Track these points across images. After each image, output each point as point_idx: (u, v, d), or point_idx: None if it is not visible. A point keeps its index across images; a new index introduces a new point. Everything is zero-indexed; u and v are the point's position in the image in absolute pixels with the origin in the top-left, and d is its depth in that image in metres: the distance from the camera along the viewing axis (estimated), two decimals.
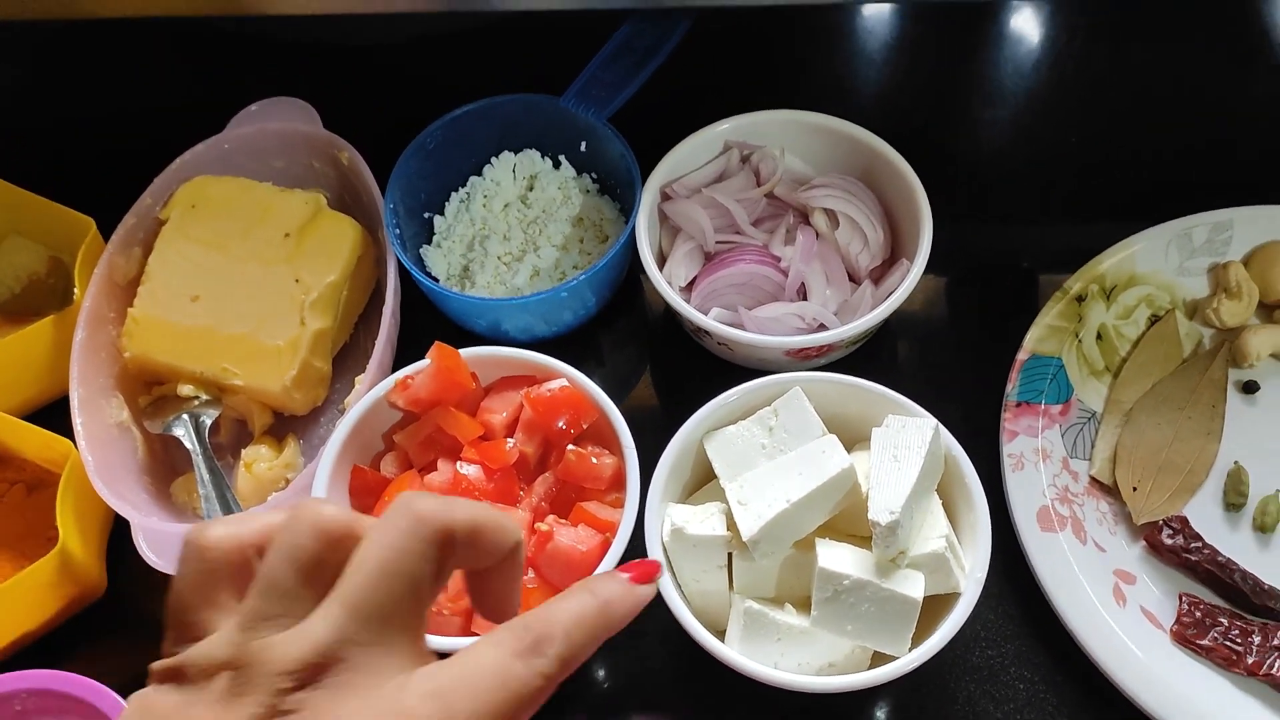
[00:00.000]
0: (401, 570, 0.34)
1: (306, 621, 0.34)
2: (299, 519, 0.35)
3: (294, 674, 0.33)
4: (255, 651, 0.33)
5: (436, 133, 0.74)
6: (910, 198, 0.69)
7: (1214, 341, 0.70)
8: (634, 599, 0.40)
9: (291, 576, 0.35)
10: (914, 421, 0.58)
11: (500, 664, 0.35)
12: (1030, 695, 0.60)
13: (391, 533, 0.35)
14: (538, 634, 0.36)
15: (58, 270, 0.76)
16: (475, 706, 0.34)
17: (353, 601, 0.34)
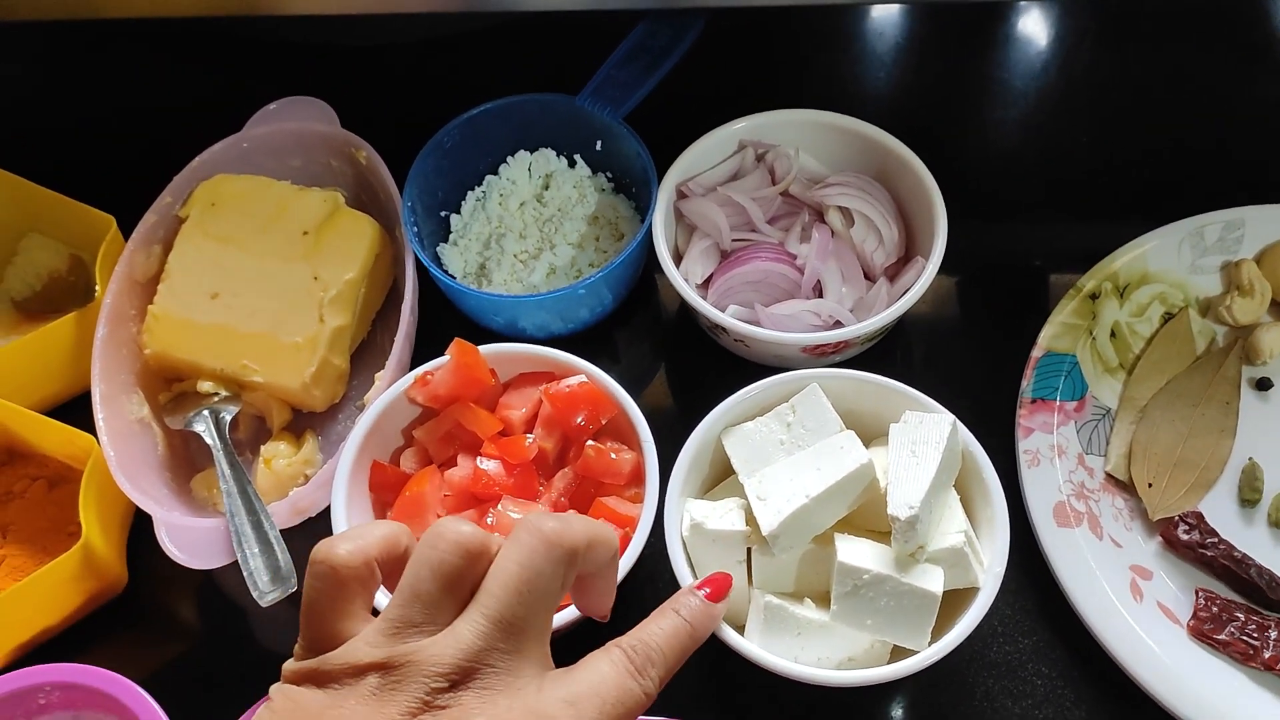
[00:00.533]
0: (538, 587, 0.39)
1: (453, 629, 0.38)
2: (441, 535, 0.39)
3: (445, 675, 0.37)
4: (406, 654, 0.37)
5: (453, 132, 0.74)
6: (925, 195, 0.69)
7: (1227, 339, 0.70)
8: (713, 620, 0.47)
9: (436, 588, 0.38)
10: (931, 417, 0.58)
11: (619, 680, 0.40)
12: (1048, 690, 0.61)
13: (528, 552, 0.39)
14: (643, 658, 0.42)
15: (78, 268, 0.77)
16: (600, 716, 0.39)
17: (497, 613, 0.38)
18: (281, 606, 0.61)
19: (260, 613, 0.65)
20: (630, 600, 0.64)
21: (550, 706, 0.38)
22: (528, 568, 0.39)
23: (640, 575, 0.65)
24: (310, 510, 0.65)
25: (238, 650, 0.65)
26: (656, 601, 0.64)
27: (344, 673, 0.37)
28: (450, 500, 0.61)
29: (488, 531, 0.40)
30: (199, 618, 0.67)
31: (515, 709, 0.37)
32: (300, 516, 0.65)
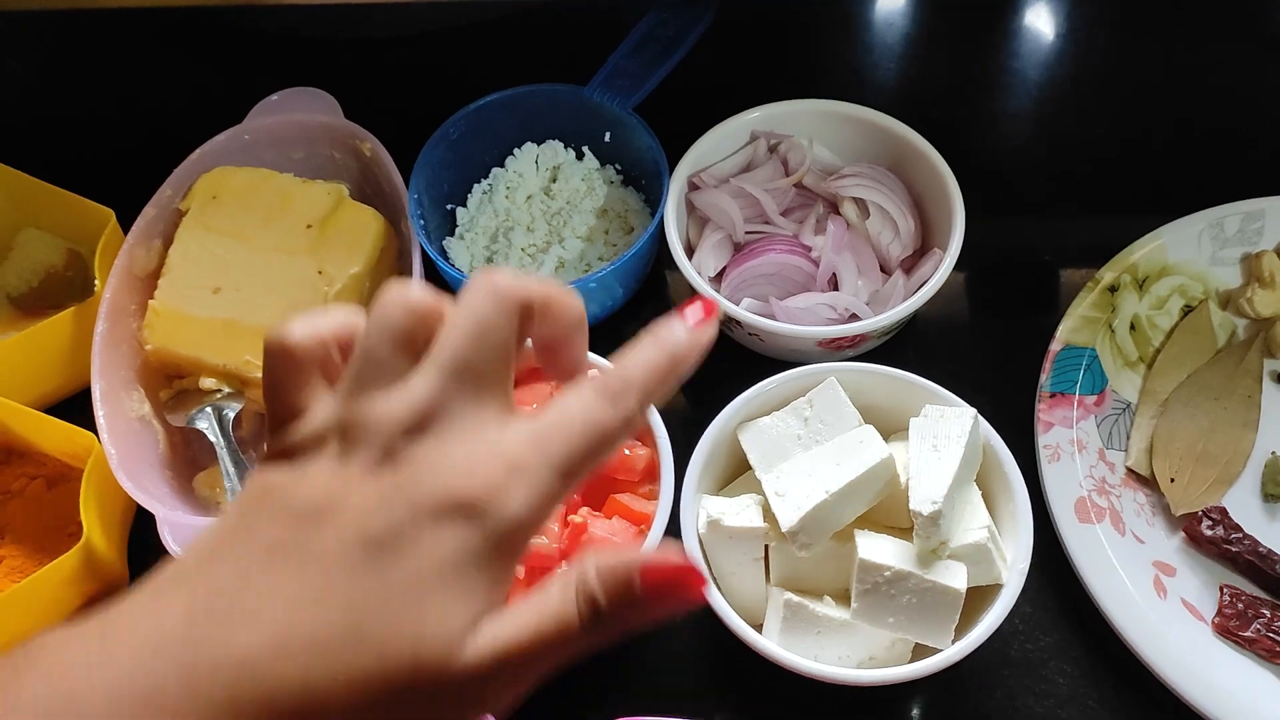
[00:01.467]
0: (488, 331, 0.38)
1: (407, 382, 0.37)
2: (390, 299, 0.39)
3: (402, 424, 0.36)
4: (362, 413, 0.37)
5: (460, 123, 0.73)
6: (941, 186, 0.68)
7: (1248, 332, 0.69)
8: (697, 347, 0.43)
9: (388, 348, 0.38)
10: (952, 411, 0.57)
11: (589, 408, 0.38)
12: (1071, 689, 0.60)
13: (477, 303, 0.38)
14: (618, 387, 0.39)
15: (76, 263, 0.75)
16: (568, 446, 0.37)
17: (448, 360, 0.37)
18: None
19: None
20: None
21: (512, 444, 0.37)
22: (477, 314, 0.38)
23: None
24: None
25: None
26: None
27: (305, 443, 0.37)
28: None
29: (444, 295, 0.39)
30: None
31: (476, 450, 0.36)
32: None
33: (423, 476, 0.36)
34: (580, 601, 0.36)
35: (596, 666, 0.61)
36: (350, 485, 0.36)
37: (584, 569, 0.36)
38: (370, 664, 0.34)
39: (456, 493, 0.35)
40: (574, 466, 0.37)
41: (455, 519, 0.35)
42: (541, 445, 0.37)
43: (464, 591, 0.35)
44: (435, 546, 0.35)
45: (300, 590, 0.34)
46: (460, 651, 0.34)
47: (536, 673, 0.36)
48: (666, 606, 0.37)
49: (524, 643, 0.35)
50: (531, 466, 0.36)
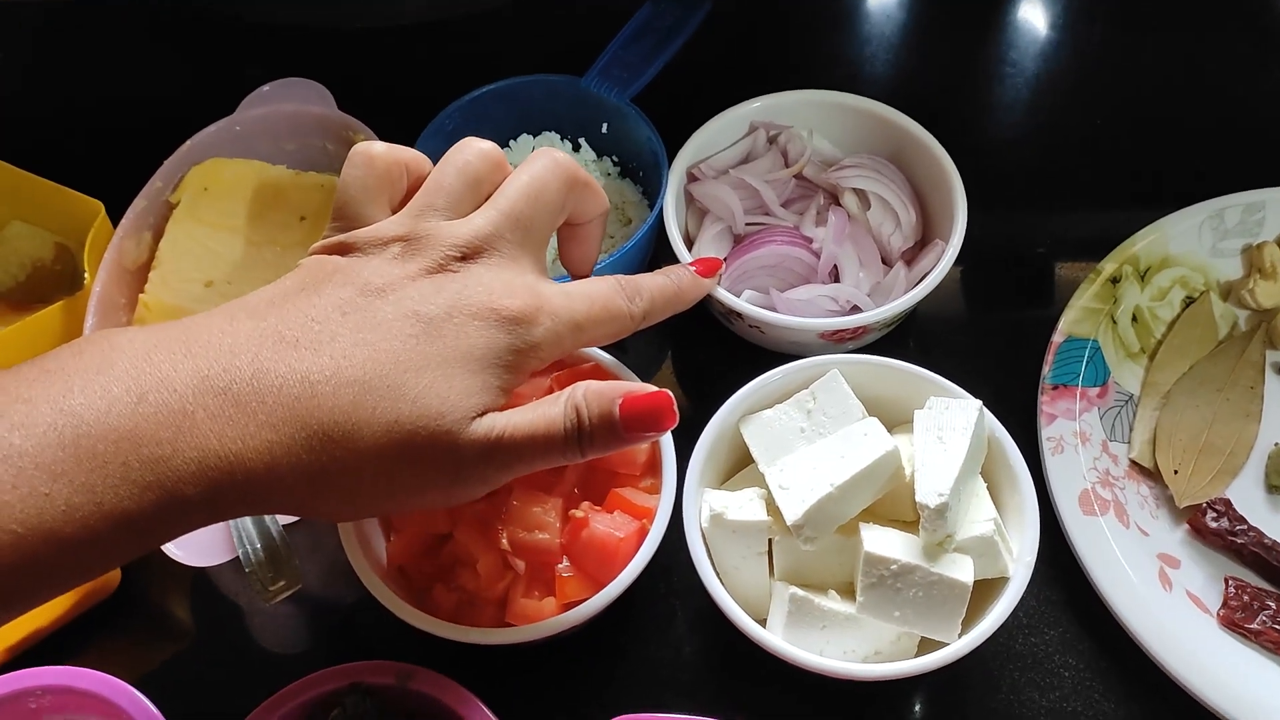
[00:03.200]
0: (545, 192, 0.46)
1: (469, 217, 0.44)
2: (467, 143, 0.48)
3: (460, 247, 0.43)
4: (427, 229, 0.44)
5: (455, 115, 0.72)
6: (942, 177, 0.68)
7: (1250, 323, 0.69)
8: (700, 287, 0.54)
9: (459, 183, 0.45)
10: (957, 403, 0.56)
11: (610, 293, 0.47)
12: (1076, 683, 0.59)
13: (539, 167, 0.46)
14: (634, 287, 0.48)
15: (64, 257, 0.74)
16: (590, 310, 0.45)
17: (508, 208, 0.45)
18: (283, 605, 0.59)
19: (259, 611, 0.63)
20: (646, 595, 0.63)
21: (547, 289, 0.44)
22: (538, 178, 0.46)
23: (655, 568, 0.63)
24: None
25: (237, 651, 0.63)
26: (673, 596, 0.63)
27: (370, 243, 0.43)
28: None
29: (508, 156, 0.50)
30: (195, 617, 0.64)
31: (516, 282, 0.43)
32: None
33: (472, 285, 0.42)
34: (568, 412, 0.43)
35: (599, 661, 0.61)
36: (410, 277, 0.42)
37: (576, 389, 0.43)
38: (403, 412, 0.40)
39: (495, 304, 0.42)
40: (588, 328, 0.45)
41: (490, 323, 0.42)
42: (569, 300, 0.44)
43: (482, 381, 0.41)
44: (471, 337, 0.41)
45: (357, 338, 0.40)
46: (467, 427, 0.41)
47: (524, 465, 0.43)
48: (638, 431, 0.43)
49: (519, 436, 0.42)
50: (557, 310, 0.44)
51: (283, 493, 0.40)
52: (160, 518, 0.38)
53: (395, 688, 0.54)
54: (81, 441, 0.37)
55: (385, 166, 0.46)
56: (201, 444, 0.38)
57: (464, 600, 0.56)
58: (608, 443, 0.43)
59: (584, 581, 0.56)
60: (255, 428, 0.39)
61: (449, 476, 0.42)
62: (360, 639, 0.62)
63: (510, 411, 0.42)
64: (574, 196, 0.47)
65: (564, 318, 0.44)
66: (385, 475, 0.40)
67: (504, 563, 0.57)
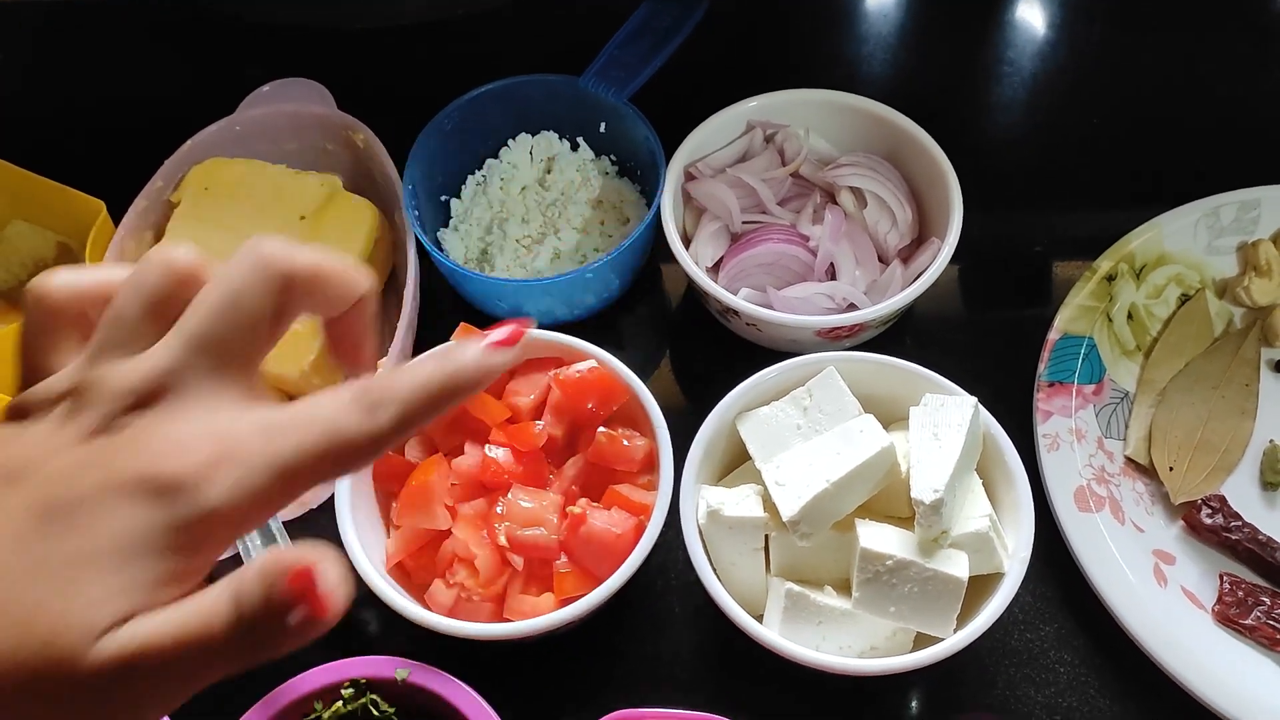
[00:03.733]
0: (241, 306, 0.35)
1: (149, 350, 0.35)
2: (151, 258, 0.36)
3: (129, 395, 0.34)
4: (97, 376, 0.34)
5: (454, 114, 0.72)
6: (938, 175, 0.68)
7: (1245, 320, 0.69)
8: (487, 369, 0.39)
9: (137, 310, 0.36)
10: (953, 400, 0.57)
11: (334, 415, 0.35)
12: (1071, 678, 0.60)
13: (235, 271, 0.36)
14: (377, 396, 0.36)
15: (66, 256, 0.74)
16: (300, 446, 0.34)
17: (192, 332, 0.35)
18: None
19: None
20: (644, 591, 0.63)
21: (242, 429, 0.34)
22: (233, 285, 0.36)
23: (652, 565, 0.63)
24: (312, 501, 0.63)
25: None
26: (670, 592, 0.63)
27: (41, 403, 0.35)
28: (458, 489, 0.59)
29: (207, 257, 0.37)
30: None
31: (197, 429, 0.34)
32: (302, 508, 0.63)
33: (132, 450, 0.33)
34: (228, 603, 0.32)
35: (597, 656, 0.61)
36: (59, 449, 0.33)
37: (249, 566, 0.33)
38: (7, 639, 0.31)
39: (153, 470, 0.33)
40: (300, 470, 0.34)
41: (143, 497, 0.32)
42: (270, 438, 0.34)
43: (124, 580, 0.32)
44: (112, 524, 0.32)
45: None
46: (90, 648, 0.31)
47: (179, 684, 0.33)
48: (302, 620, 0.32)
49: (164, 645, 0.32)
50: (249, 457, 0.33)
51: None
52: None
53: (394, 683, 0.55)
54: None
55: (60, 303, 0.37)
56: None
57: (462, 596, 0.56)
58: (278, 636, 0.33)
59: (582, 577, 0.56)
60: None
61: (76, 712, 0.32)
62: (359, 635, 0.62)
63: (160, 612, 0.32)
64: (294, 298, 0.37)
65: (260, 465, 0.33)
66: None
67: (502, 559, 0.57)
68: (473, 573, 0.56)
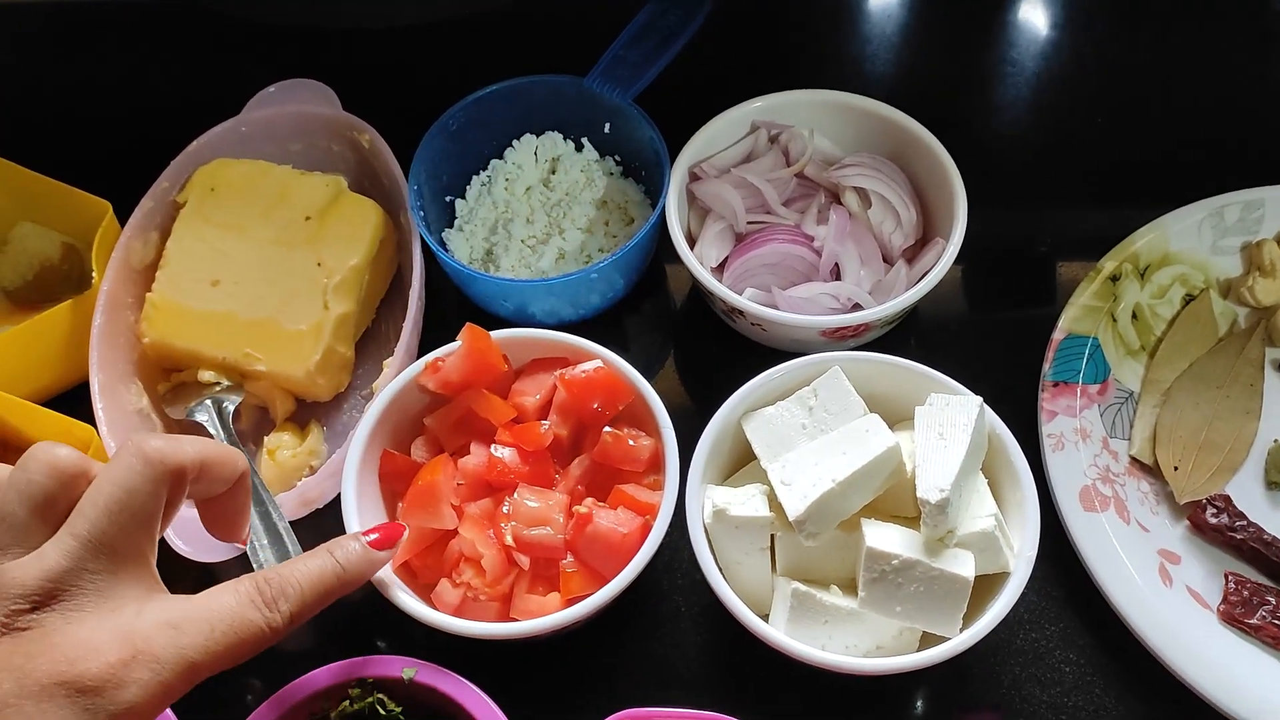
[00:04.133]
0: (132, 506, 0.38)
1: (40, 551, 0.36)
2: (34, 457, 0.38)
3: (27, 596, 0.35)
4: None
5: (459, 114, 0.73)
6: (943, 176, 0.68)
7: (1249, 320, 0.69)
8: (371, 565, 0.45)
9: (24, 511, 0.37)
10: (958, 399, 0.57)
11: (236, 609, 0.38)
12: (1077, 678, 0.60)
13: (123, 472, 0.38)
14: (275, 590, 0.40)
15: (71, 257, 0.75)
16: (206, 642, 0.37)
17: (85, 533, 0.37)
18: None
19: None
20: (650, 591, 0.63)
21: (147, 627, 0.36)
22: (122, 486, 0.38)
23: (658, 565, 0.63)
24: (319, 501, 0.63)
25: None
26: (676, 592, 0.63)
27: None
28: (464, 489, 0.59)
29: (88, 457, 0.39)
30: None
31: (103, 629, 0.36)
32: (308, 508, 0.63)
33: (41, 651, 0.35)
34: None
35: (603, 656, 0.61)
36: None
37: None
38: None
39: (71, 673, 0.34)
40: (206, 663, 0.37)
41: (64, 698, 0.34)
42: (176, 636, 0.36)
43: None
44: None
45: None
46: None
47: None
48: None
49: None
50: (159, 655, 0.36)
51: None
52: None
53: (401, 682, 0.55)
54: None
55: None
56: None
57: (469, 596, 0.56)
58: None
59: (588, 577, 0.56)
60: None
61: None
62: (366, 634, 0.62)
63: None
64: (181, 489, 0.40)
65: (168, 662, 0.36)
66: None
67: (509, 558, 0.57)
68: (479, 572, 0.56)
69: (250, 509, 0.45)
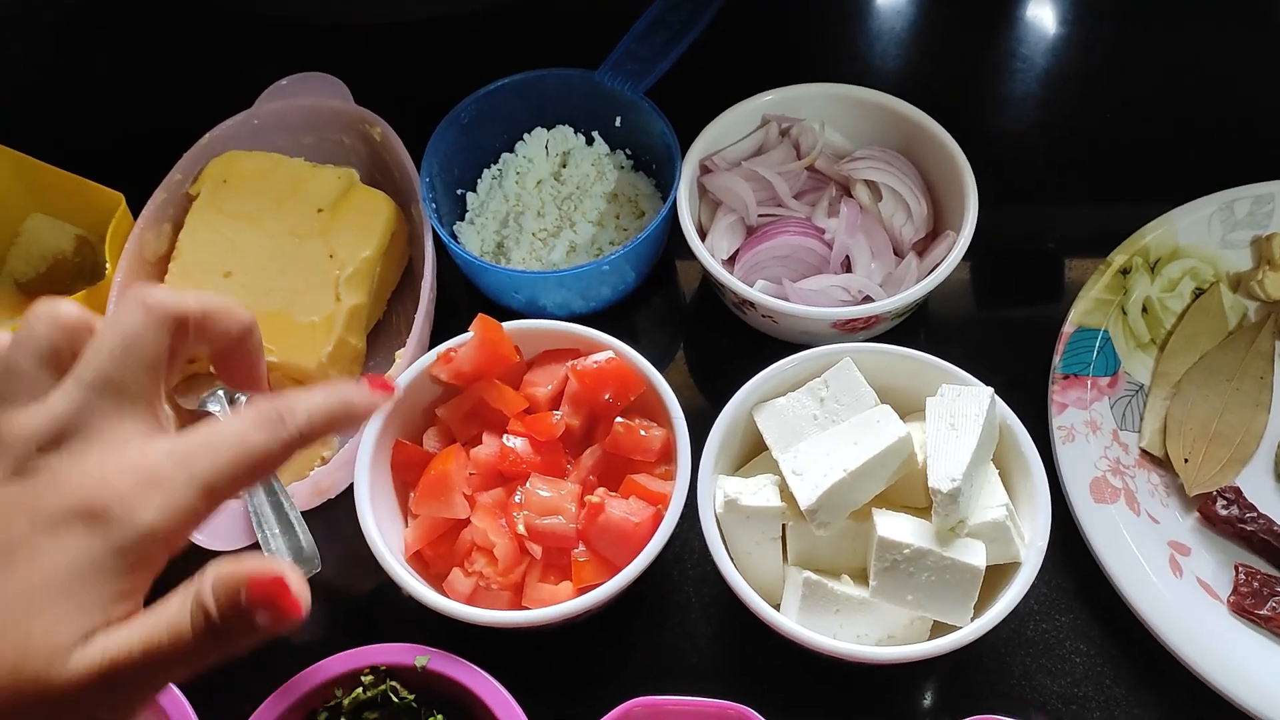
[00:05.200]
0: (136, 348, 0.38)
1: (47, 397, 0.37)
2: (38, 312, 0.39)
3: (36, 439, 0.36)
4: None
5: (471, 107, 0.73)
6: (953, 169, 0.68)
7: (1259, 314, 0.69)
8: (371, 403, 0.44)
9: (31, 362, 0.38)
10: (969, 390, 0.57)
11: (242, 432, 0.38)
12: (1087, 668, 0.60)
13: (126, 317, 0.39)
14: (281, 410, 0.39)
15: (84, 249, 0.75)
16: (214, 464, 0.37)
17: (89, 377, 0.37)
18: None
19: None
20: (661, 580, 0.63)
21: (156, 456, 0.37)
22: (125, 330, 0.38)
23: (669, 554, 0.64)
24: (331, 491, 0.64)
25: None
26: (687, 582, 0.63)
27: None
28: (476, 479, 0.59)
29: (92, 312, 0.40)
30: None
31: (110, 463, 0.36)
32: (321, 498, 0.63)
33: (52, 486, 0.35)
34: (194, 611, 0.35)
35: (615, 645, 0.61)
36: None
37: (202, 579, 0.36)
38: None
39: (83, 501, 0.35)
40: (219, 484, 0.37)
41: (79, 527, 0.35)
42: (185, 460, 0.37)
43: (79, 603, 0.34)
44: (54, 555, 0.34)
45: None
46: (63, 665, 0.34)
47: (152, 686, 0.36)
48: (274, 618, 0.36)
49: (134, 655, 0.34)
50: (170, 479, 0.36)
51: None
52: None
53: (414, 670, 0.55)
54: None
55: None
56: None
57: (481, 585, 0.57)
58: (247, 635, 0.36)
59: (600, 566, 0.57)
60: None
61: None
62: (378, 623, 0.62)
63: (123, 626, 0.36)
64: (183, 337, 0.41)
65: (180, 486, 0.37)
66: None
67: (521, 548, 0.57)
68: (491, 561, 0.57)
69: (263, 360, 0.45)
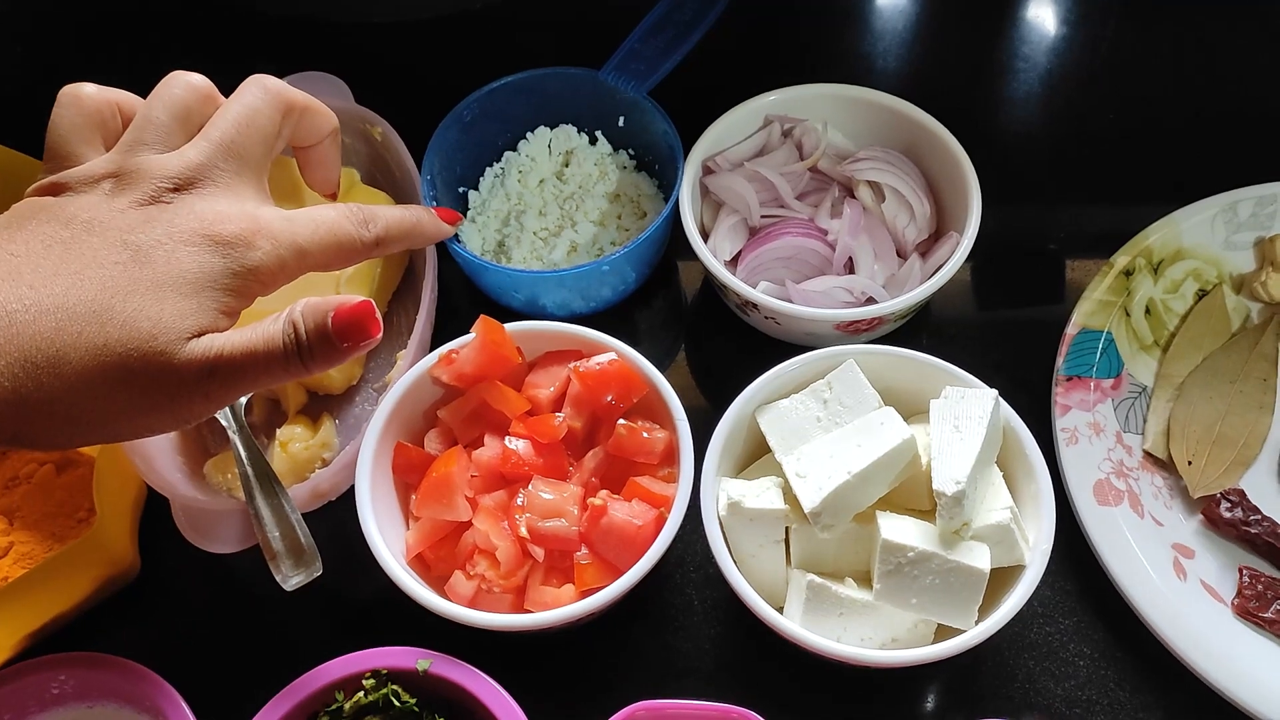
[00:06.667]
0: (256, 119, 0.47)
1: (181, 149, 0.45)
2: (175, 77, 0.48)
3: (172, 179, 0.44)
4: (137, 164, 0.44)
5: (473, 105, 0.73)
6: (956, 170, 0.68)
7: (1262, 315, 0.69)
8: (438, 228, 0.57)
9: (167, 116, 0.46)
10: (973, 392, 0.57)
11: (337, 220, 0.48)
12: (1091, 672, 0.60)
13: (249, 96, 0.48)
14: (368, 214, 0.49)
15: None
16: (314, 234, 0.46)
17: (219, 137, 0.46)
18: (302, 592, 0.59)
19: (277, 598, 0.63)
20: (664, 583, 0.63)
21: (266, 213, 0.45)
22: (249, 106, 0.47)
23: (672, 557, 0.63)
24: (332, 494, 0.63)
25: (256, 637, 0.63)
26: (690, 585, 0.63)
27: (81, 181, 0.43)
28: (478, 481, 0.59)
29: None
30: (216, 605, 0.65)
31: (233, 210, 0.44)
32: (321, 500, 0.63)
33: (185, 213, 0.43)
34: (286, 329, 0.44)
35: (618, 648, 0.61)
36: (120, 210, 0.43)
37: (294, 307, 0.44)
38: (111, 335, 0.40)
39: (209, 229, 0.43)
40: (311, 251, 0.46)
41: (206, 246, 0.43)
42: (291, 224, 0.45)
43: (197, 303, 0.42)
44: (185, 262, 0.42)
45: (60, 268, 0.41)
46: (182, 347, 0.42)
47: (247, 381, 0.44)
48: (351, 340, 0.44)
49: (236, 355, 0.43)
50: (277, 234, 0.44)
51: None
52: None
53: (416, 674, 0.55)
54: None
55: (94, 106, 0.46)
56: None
57: (483, 588, 0.56)
58: (327, 355, 0.44)
59: (602, 569, 0.56)
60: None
61: (168, 396, 0.42)
62: (380, 626, 0.62)
63: (230, 331, 0.43)
64: (291, 121, 0.49)
65: (284, 241, 0.44)
66: (101, 399, 0.41)
67: (523, 550, 0.57)
68: (493, 564, 0.56)
69: (339, 167, 0.55)
